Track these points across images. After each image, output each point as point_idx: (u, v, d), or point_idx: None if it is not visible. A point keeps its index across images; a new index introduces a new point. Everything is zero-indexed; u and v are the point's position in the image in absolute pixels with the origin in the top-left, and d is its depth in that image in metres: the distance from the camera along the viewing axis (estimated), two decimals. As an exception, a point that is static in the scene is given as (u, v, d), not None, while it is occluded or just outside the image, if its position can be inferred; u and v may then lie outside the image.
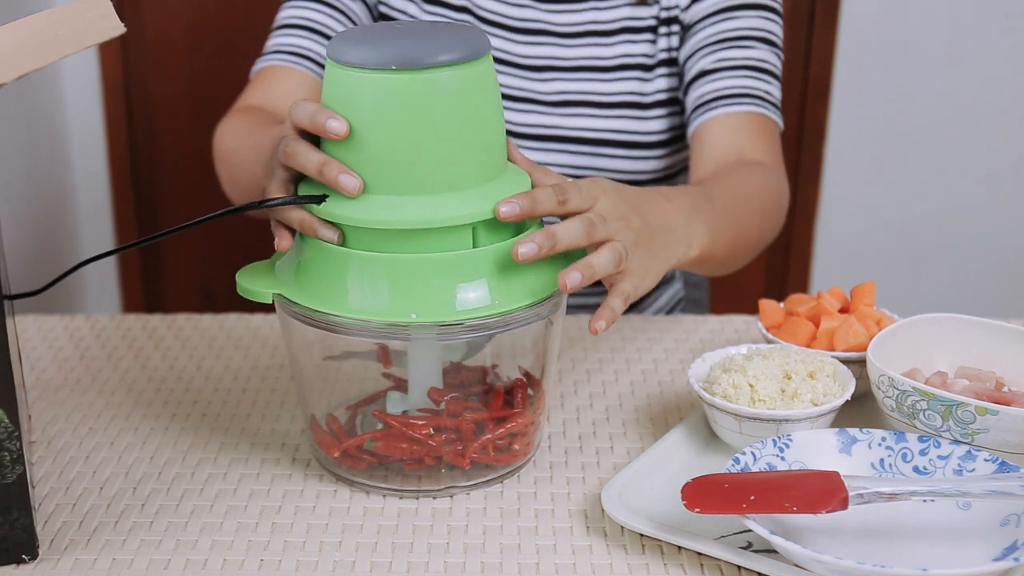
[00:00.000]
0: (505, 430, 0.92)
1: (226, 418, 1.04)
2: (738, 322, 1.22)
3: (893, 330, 0.99)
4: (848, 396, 0.93)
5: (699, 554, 0.84)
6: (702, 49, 1.25)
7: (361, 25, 0.93)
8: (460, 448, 0.91)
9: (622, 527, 0.87)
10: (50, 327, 1.20)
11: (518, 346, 0.96)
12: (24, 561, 0.84)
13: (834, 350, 1.01)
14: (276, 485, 0.93)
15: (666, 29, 1.28)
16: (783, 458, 0.88)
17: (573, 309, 1.27)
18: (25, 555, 0.83)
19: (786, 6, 1.81)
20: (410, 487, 0.92)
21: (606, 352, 1.15)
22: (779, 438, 0.89)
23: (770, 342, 1.04)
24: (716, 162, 1.20)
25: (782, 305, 1.08)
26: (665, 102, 1.30)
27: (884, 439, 0.90)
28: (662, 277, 1.03)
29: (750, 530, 0.83)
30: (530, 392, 0.95)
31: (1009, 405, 0.89)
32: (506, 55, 1.30)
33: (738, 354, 0.98)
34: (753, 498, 0.81)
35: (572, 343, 1.16)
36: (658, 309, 1.42)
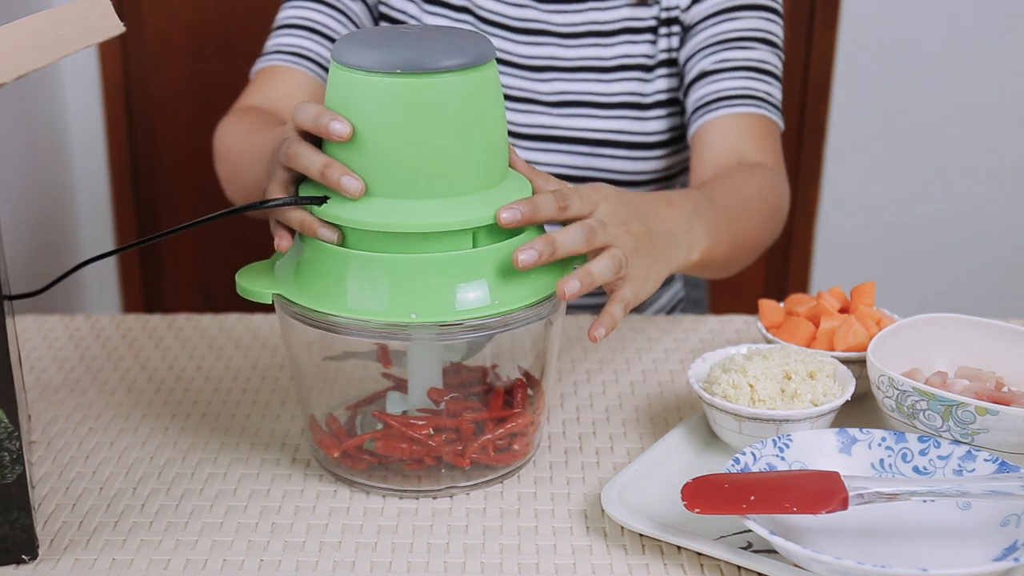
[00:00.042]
0: (505, 430, 0.92)
1: (226, 418, 1.04)
2: (738, 322, 1.22)
3: (893, 330, 0.99)
4: (848, 396, 0.93)
5: (699, 554, 0.84)
6: (703, 50, 1.25)
7: (366, 28, 0.93)
8: (460, 448, 0.91)
9: (622, 527, 0.87)
10: (50, 327, 1.20)
11: (518, 346, 0.96)
12: (24, 561, 0.83)
13: (834, 350, 1.01)
14: (276, 485, 0.93)
15: (666, 30, 1.28)
16: (783, 458, 0.88)
17: (573, 309, 1.27)
18: (25, 555, 0.83)
19: (786, 6, 1.81)
20: (410, 487, 0.92)
21: (606, 352, 1.15)
22: (779, 438, 0.89)
23: (770, 342, 1.04)
24: (717, 164, 1.20)
25: (782, 305, 1.08)
26: (665, 103, 1.30)
27: (884, 439, 0.90)
28: (663, 282, 1.03)
29: (750, 530, 0.83)
30: (530, 392, 0.95)
31: (1009, 405, 0.89)
32: (506, 55, 1.30)
33: (738, 354, 0.98)
34: (753, 498, 0.81)
35: (572, 343, 1.16)
36: (658, 309, 1.42)
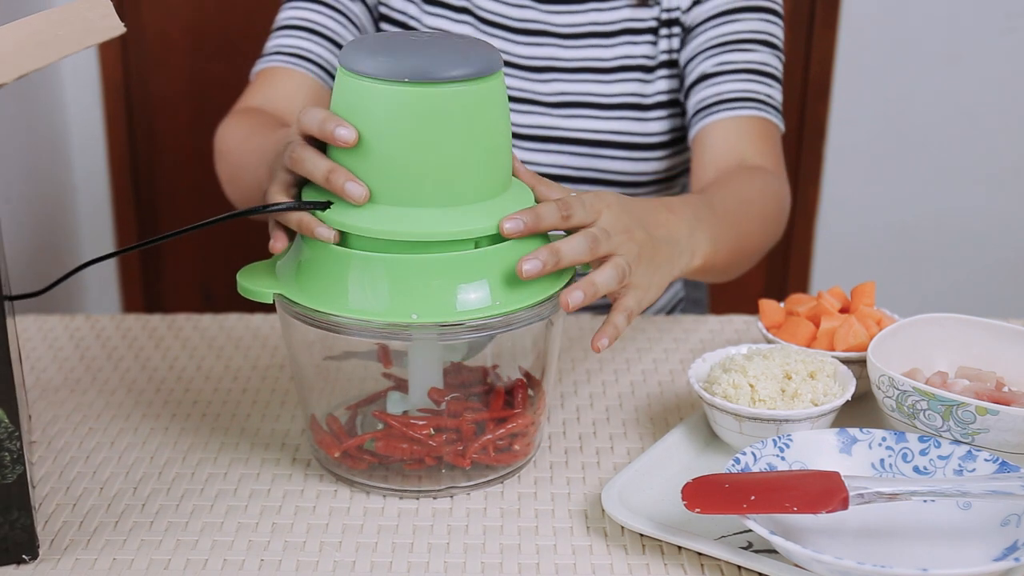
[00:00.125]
0: (505, 430, 0.92)
1: (226, 418, 1.04)
2: (738, 322, 1.22)
3: (893, 330, 0.99)
4: (848, 396, 0.93)
5: (699, 554, 0.84)
6: (703, 52, 1.25)
7: (375, 34, 0.93)
8: (460, 448, 0.91)
9: (622, 527, 0.87)
10: (50, 327, 1.20)
11: (518, 346, 0.96)
12: (24, 561, 0.83)
13: (834, 350, 1.01)
14: (276, 485, 0.93)
15: (667, 31, 1.28)
16: (783, 458, 0.88)
17: (573, 309, 1.27)
18: (25, 555, 0.83)
19: (786, 6, 1.81)
20: (410, 487, 0.92)
21: (606, 352, 1.15)
22: (779, 438, 0.89)
23: (770, 342, 1.04)
24: (717, 167, 1.20)
25: (782, 305, 1.08)
26: (666, 103, 1.30)
27: (884, 439, 0.90)
28: (665, 288, 1.03)
29: (750, 530, 0.83)
30: (530, 392, 0.95)
31: (1009, 405, 0.89)
32: (506, 56, 1.30)
33: (738, 354, 0.98)
34: (753, 498, 0.81)
35: (572, 343, 1.16)
36: (658, 309, 1.42)
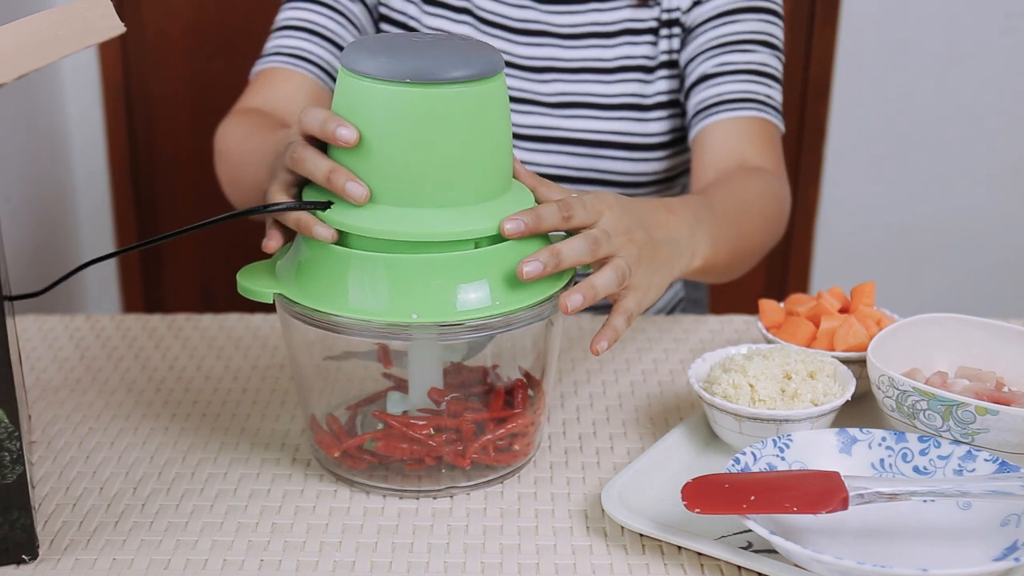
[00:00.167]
0: (505, 430, 0.92)
1: (226, 418, 1.04)
2: (738, 322, 1.22)
3: (893, 330, 0.99)
4: (848, 396, 0.93)
5: (699, 554, 0.84)
6: (703, 53, 1.25)
7: (376, 35, 0.93)
8: (460, 448, 0.91)
9: (622, 527, 0.87)
10: (50, 327, 1.20)
11: (518, 346, 0.96)
12: (24, 561, 0.83)
13: (834, 350, 1.01)
14: (276, 485, 0.93)
15: (667, 31, 1.28)
16: (783, 458, 0.88)
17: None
18: (25, 555, 0.83)
19: (786, 6, 1.81)
20: (410, 487, 0.92)
21: (606, 352, 1.15)
22: (779, 438, 0.89)
23: (770, 342, 1.04)
24: (718, 168, 1.20)
25: (782, 305, 1.08)
26: (666, 104, 1.30)
27: (884, 439, 0.90)
28: (665, 289, 1.03)
29: (750, 530, 0.83)
30: (530, 392, 0.95)
31: (1009, 405, 0.89)
32: (506, 56, 1.30)
33: (738, 354, 0.98)
34: (753, 498, 0.81)
35: (572, 343, 1.16)
36: (658, 309, 1.42)
